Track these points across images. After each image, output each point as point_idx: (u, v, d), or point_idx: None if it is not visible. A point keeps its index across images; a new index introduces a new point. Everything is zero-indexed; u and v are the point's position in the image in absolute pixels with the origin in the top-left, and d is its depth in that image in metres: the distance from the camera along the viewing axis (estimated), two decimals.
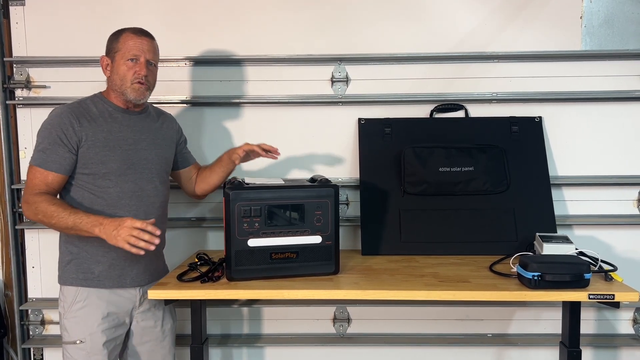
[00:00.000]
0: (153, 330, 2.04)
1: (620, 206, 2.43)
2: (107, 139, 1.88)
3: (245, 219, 1.86)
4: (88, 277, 1.90)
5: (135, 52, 1.88)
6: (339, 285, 1.87)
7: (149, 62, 1.92)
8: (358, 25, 2.42)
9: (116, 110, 1.94)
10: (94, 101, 1.93)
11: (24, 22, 2.43)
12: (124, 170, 1.90)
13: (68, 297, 1.91)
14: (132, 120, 1.96)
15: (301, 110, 2.46)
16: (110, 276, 1.91)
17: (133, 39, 1.89)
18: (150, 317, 2.02)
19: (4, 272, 2.53)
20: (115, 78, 1.90)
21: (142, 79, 1.89)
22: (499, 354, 2.50)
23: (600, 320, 2.49)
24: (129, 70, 1.88)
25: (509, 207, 2.28)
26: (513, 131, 2.38)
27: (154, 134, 2.02)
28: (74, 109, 1.88)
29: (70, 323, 1.90)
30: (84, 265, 1.90)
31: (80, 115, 1.87)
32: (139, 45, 1.89)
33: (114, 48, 1.90)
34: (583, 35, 2.39)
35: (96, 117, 1.89)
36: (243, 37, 2.43)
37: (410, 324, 2.51)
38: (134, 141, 1.94)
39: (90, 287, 1.90)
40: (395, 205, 2.30)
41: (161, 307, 2.05)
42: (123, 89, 1.89)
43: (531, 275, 1.75)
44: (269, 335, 2.53)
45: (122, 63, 1.88)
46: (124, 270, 1.93)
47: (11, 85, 2.44)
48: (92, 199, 1.88)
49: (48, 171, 1.82)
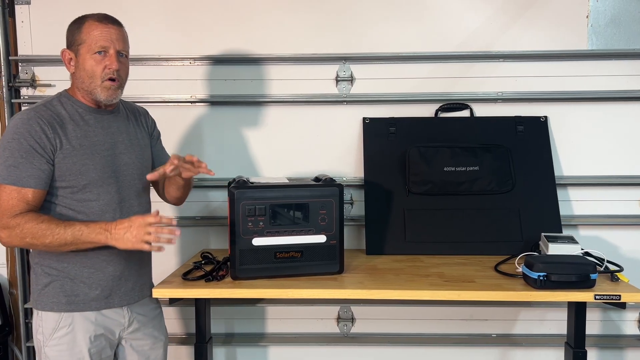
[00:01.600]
0: (142, 349, 1.84)
1: (626, 206, 2.42)
2: (83, 145, 1.65)
3: (249, 218, 1.86)
4: (72, 301, 1.67)
5: (102, 42, 1.63)
6: (344, 284, 1.86)
7: (120, 52, 1.67)
8: (363, 25, 2.41)
9: (87, 111, 1.69)
10: (62, 102, 1.68)
11: (29, 20, 2.43)
12: (105, 179, 1.68)
13: (48, 324, 1.67)
14: (105, 122, 1.72)
15: (306, 109, 2.45)
16: (97, 297, 1.69)
17: (98, 27, 1.63)
18: (140, 336, 1.83)
19: (8, 271, 2.53)
20: (82, 75, 1.65)
21: (113, 74, 1.64)
22: (503, 354, 2.49)
23: (606, 320, 2.48)
24: (98, 65, 1.63)
25: (514, 207, 2.27)
26: (518, 131, 2.37)
27: (130, 135, 1.79)
28: (41, 113, 1.62)
29: (53, 352, 1.67)
30: (65, 288, 1.66)
31: (51, 119, 1.61)
32: (107, 35, 1.63)
33: (77, 40, 1.64)
34: (589, 34, 2.38)
35: (67, 121, 1.65)
36: (248, 37, 2.42)
37: (415, 324, 2.51)
38: (110, 145, 1.72)
39: (75, 311, 1.67)
40: (399, 204, 2.29)
41: (151, 325, 1.86)
42: (92, 87, 1.65)
43: (537, 275, 1.74)
44: (273, 335, 2.53)
45: (89, 57, 1.63)
46: (113, 289, 1.72)
47: (16, 84, 2.45)
48: (70, 215, 1.64)
49: (26, 188, 1.56)
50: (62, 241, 1.57)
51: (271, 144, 2.45)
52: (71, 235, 1.57)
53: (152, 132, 1.93)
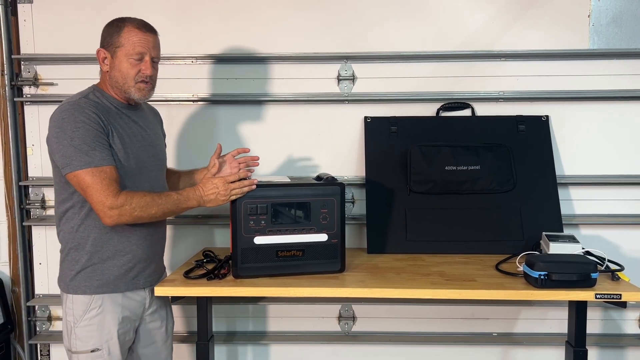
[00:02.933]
0: (159, 331, 1.98)
1: (627, 206, 2.42)
2: (124, 136, 1.78)
3: (251, 216, 1.87)
4: (102, 284, 1.79)
5: (140, 49, 1.76)
6: (345, 283, 1.87)
7: (153, 59, 1.81)
8: (364, 24, 2.41)
9: (119, 106, 1.82)
10: (97, 96, 1.79)
11: (31, 19, 2.44)
12: (139, 169, 1.81)
13: (79, 306, 1.79)
14: (135, 116, 1.86)
15: (307, 108, 2.46)
16: (125, 279, 1.82)
17: (138, 34, 1.76)
18: (157, 317, 1.96)
19: (11, 269, 2.54)
20: (116, 75, 1.77)
21: (146, 79, 1.78)
22: (504, 353, 2.50)
23: (606, 320, 2.48)
24: (133, 69, 1.76)
25: (515, 206, 2.27)
26: (520, 130, 2.37)
27: (153, 130, 1.94)
28: (88, 102, 1.74)
29: (83, 332, 1.78)
30: (97, 272, 1.79)
31: (97, 109, 1.73)
32: (145, 43, 1.77)
33: (115, 42, 1.76)
34: (591, 33, 2.38)
35: (110, 111, 1.78)
36: (250, 36, 2.43)
37: (415, 323, 2.51)
38: (142, 137, 1.86)
39: (105, 292, 1.79)
40: (401, 203, 2.30)
41: (164, 307, 1.99)
42: (126, 87, 1.78)
43: (538, 274, 1.75)
44: (274, 333, 2.54)
45: (125, 60, 1.76)
46: (139, 271, 1.85)
47: (19, 83, 2.46)
48: None
49: (110, 166, 1.69)
50: (165, 209, 1.75)
51: (273, 143, 2.46)
52: (171, 204, 1.76)
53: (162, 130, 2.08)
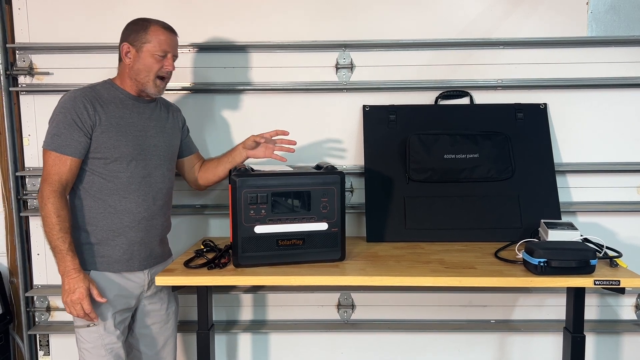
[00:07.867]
0: (159, 313, 2.09)
1: (624, 193, 2.43)
2: (119, 124, 1.92)
3: (251, 205, 1.87)
4: (98, 261, 1.92)
5: (166, 47, 1.93)
6: (345, 271, 1.88)
7: (174, 57, 1.99)
8: (363, 12, 2.40)
9: (127, 97, 1.96)
10: (105, 87, 1.96)
11: (26, 8, 2.41)
12: (134, 155, 1.93)
13: None
14: (141, 108, 2.00)
15: (305, 97, 2.45)
16: (119, 260, 1.94)
17: (164, 34, 1.93)
18: (157, 300, 2.07)
19: (9, 260, 2.53)
20: (139, 68, 1.92)
21: (166, 74, 1.95)
22: (502, 339, 2.52)
23: (603, 306, 2.51)
24: (157, 63, 1.92)
25: (513, 193, 2.28)
26: (518, 118, 2.37)
27: (162, 122, 2.06)
28: (87, 93, 1.90)
29: None
30: (93, 250, 1.92)
31: (93, 99, 1.89)
32: (170, 42, 1.95)
33: (142, 39, 1.91)
34: (589, 21, 2.38)
35: (108, 102, 1.92)
36: (247, 24, 2.41)
37: (414, 310, 2.53)
38: (142, 127, 1.98)
39: (100, 270, 1.92)
40: (400, 192, 2.30)
41: (166, 291, 2.10)
42: (145, 80, 1.93)
43: (537, 261, 1.76)
44: (274, 322, 2.55)
45: (150, 55, 1.91)
46: (133, 254, 1.96)
47: (14, 72, 2.43)
48: (102, 183, 1.90)
49: (65, 155, 1.83)
50: (50, 239, 1.82)
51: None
52: (55, 245, 1.81)
53: (182, 127, 2.19)
